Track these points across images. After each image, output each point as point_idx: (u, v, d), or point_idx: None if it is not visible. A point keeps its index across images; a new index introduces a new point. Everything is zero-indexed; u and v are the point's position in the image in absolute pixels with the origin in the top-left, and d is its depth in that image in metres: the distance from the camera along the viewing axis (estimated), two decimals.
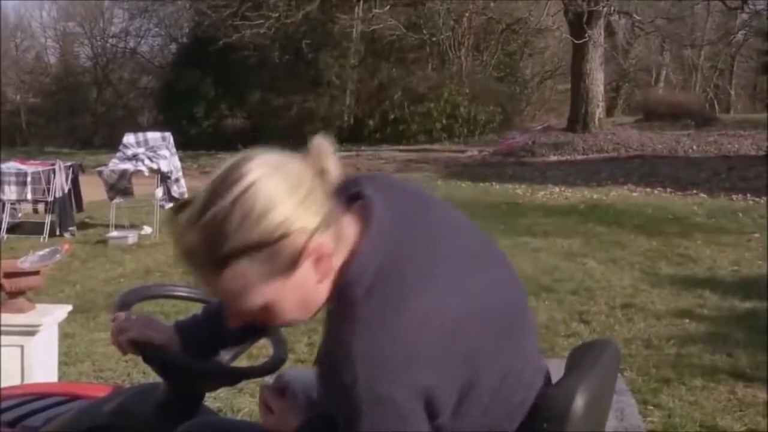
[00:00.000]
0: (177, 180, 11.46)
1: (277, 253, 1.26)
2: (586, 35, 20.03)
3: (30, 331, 3.85)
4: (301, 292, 1.32)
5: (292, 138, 25.10)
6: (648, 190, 13.20)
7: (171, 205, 11.31)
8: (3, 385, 2.59)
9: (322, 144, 1.38)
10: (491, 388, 1.38)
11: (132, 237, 10.32)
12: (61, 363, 4.23)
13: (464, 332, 1.32)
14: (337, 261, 1.33)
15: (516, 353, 1.43)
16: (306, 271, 1.29)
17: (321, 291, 1.34)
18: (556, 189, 13.67)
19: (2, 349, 3.81)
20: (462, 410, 1.35)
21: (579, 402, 1.41)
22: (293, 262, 1.27)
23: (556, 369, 1.61)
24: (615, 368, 1.68)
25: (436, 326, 1.28)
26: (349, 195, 1.44)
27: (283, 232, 1.25)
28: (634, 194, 12.92)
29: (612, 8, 22.31)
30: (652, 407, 4.29)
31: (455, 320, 1.31)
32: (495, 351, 1.38)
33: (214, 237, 1.25)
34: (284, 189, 1.27)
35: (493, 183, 14.87)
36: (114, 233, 10.46)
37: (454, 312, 1.31)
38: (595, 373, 1.52)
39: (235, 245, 1.24)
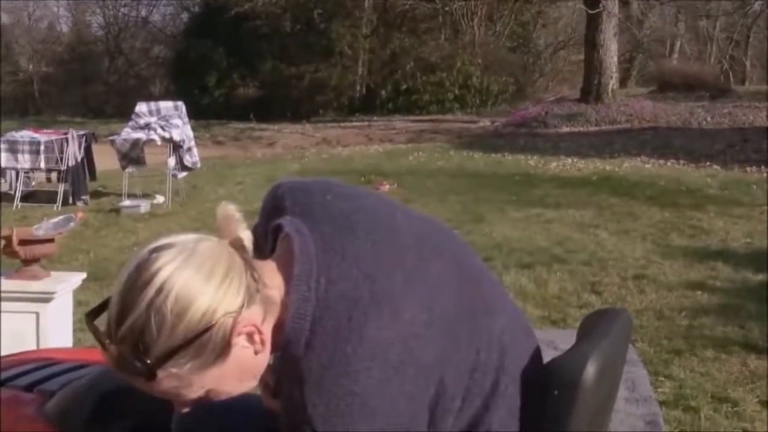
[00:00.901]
0: (189, 149, 11.48)
1: (205, 345, 1.21)
2: (600, 5, 19.85)
3: (45, 298, 3.89)
4: (241, 369, 1.29)
5: (304, 108, 25.23)
6: (661, 161, 13.13)
7: (184, 174, 11.35)
8: (19, 351, 2.61)
9: (228, 211, 1.31)
10: (462, 389, 1.35)
11: (145, 206, 10.36)
12: (76, 330, 4.26)
13: (419, 349, 1.29)
14: (271, 323, 1.30)
15: (480, 341, 1.39)
16: (240, 349, 1.26)
17: (261, 359, 1.31)
18: (569, 160, 13.61)
19: (18, 315, 3.86)
20: (435, 422, 1.33)
21: (590, 369, 1.40)
22: (225, 348, 1.23)
23: (568, 339, 1.61)
24: (627, 337, 1.67)
25: (384, 362, 1.25)
26: (273, 228, 1.40)
27: (206, 324, 1.20)
28: (647, 166, 12.85)
29: None
30: (663, 378, 4.30)
31: (405, 343, 1.28)
32: (457, 352, 1.35)
33: (136, 349, 1.19)
34: (200, 278, 1.21)
35: (506, 154, 14.81)
36: (127, 202, 10.51)
37: (403, 333, 1.28)
38: (607, 341, 1.51)
39: (159, 352, 1.19)
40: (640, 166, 12.87)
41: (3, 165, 10.78)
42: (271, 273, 1.33)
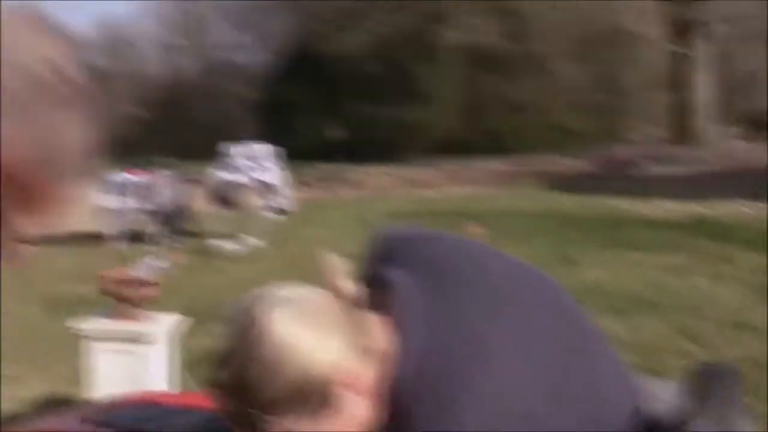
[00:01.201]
0: (281, 191, 11.66)
1: (310, 397, 1.24)
2: (690, 44, 19.58)
3: (144, 339, 3.97)
4: (347, 422, 1.30)
5: (391, 149, 25.42)
6: (757, 203, 12.78)
7: (275, 215, 11.52)
8: (116, 391, 2.67)
9: (332, 262, 1.34)
10: None
11: (237, 247, 10.52)
12: (178, 372, 4.32)
13: (524, 399, 1.28)
14: (377, 376, 1.31)
15: (582, 389, 1.36)
16: (346, 402, 1.27)
17: (367, 412, 1.31)
18: (660, 202, 13.37)
19: (116, 355, 3.95)
20: None
21: (701, 427, 1.37)
22: (330, 400, 1.26)
23: (669, 390, 1.57)
24: (737, 395, 1.63)
25: (490, 414, 1.25)
26: (375, 278, 1.41)
27: (311, 376, 1.23)
28: (742, 208, 12.53)
29: (715, 16, 21.75)
30: None
31: (510, 393, 1.27)
32: (560, 401, 1.33)
33: (242, 398, 1.23)
34: (303, 328, 1.24)
35: (595, 196, 14.63)
36: (219, 243, 10.68)
37: (508, 383, 1.28)
38: (718, 400, 1.48)
39: (265, 403, 1.23)
40: (735, 208, 12.55)
41: (100, 206, 11.12)
42: (376, 325, 1.34)
